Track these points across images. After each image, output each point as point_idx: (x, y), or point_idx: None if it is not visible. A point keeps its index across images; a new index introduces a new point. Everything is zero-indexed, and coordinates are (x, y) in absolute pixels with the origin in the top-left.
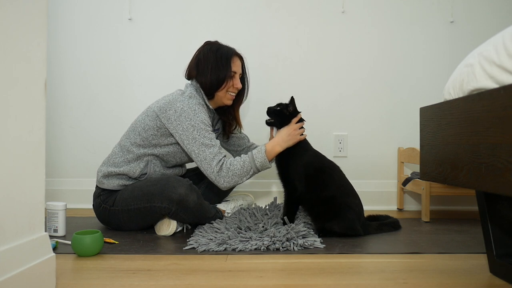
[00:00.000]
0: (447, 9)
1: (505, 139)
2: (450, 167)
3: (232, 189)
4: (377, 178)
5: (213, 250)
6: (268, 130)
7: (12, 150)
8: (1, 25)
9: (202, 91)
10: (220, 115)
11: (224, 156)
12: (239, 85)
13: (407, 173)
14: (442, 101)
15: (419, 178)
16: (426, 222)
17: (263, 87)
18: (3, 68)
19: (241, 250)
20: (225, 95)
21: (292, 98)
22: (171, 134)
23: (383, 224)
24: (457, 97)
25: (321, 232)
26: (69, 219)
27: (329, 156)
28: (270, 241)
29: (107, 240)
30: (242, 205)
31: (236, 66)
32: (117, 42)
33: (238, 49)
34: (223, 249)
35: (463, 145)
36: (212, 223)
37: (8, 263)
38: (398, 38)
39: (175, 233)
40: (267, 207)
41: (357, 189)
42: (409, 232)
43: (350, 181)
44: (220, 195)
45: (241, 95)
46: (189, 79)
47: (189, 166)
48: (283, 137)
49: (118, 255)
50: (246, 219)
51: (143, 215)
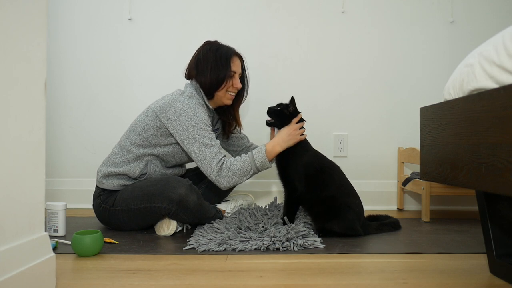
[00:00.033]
0: (447, 9)
1: (505, 139)
2: (450, 167)
3: (232, 189)
4: (377, 178)
5: (213, 250)
6: (268, 130)
7: (12, 150)
8: (1, 25)
9: (201, 91)
10: (220, 115)
11: (224, 156)
12: (239, 85)
13: (407, 173)
14: (442, 101)
15: (419, 178)
16: (426, 222)
17: (263, 87)
18: (3, 68)
19: (241, 250)
20: (224, 94)
21: (293, 98)
22: (171, 134)
23: (383, 224)
24: (457, 97)
25: (321, 232)
26: (69, 219)
27: (329, 156)
28: (270, 241)
29: (107, 240)
30: (242, 205)
31: (235, 66)
32: (117, 42)
33: (238, 49)
34: (223, 249)
35: (463, 145)
36: (212, 223)
37: (8, 263)
38: (398, 38)
39: (175, 233)
40: (267, 207)
41: (357, 189)
42: (409, 232)
43: (350, 181)
44: (220, 195)
45: (240, 95)
46: (188, 79)
47: (189, 166)
48: (283, 137)
49: (118, 255)
50: (246, 219)
51: (143, 215)
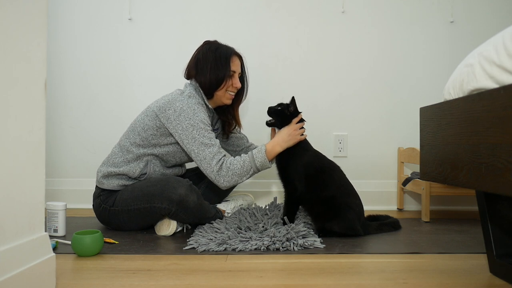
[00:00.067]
0: (447, 9)
1: (505, 139)
2: (450, 167)
3: (232, 189)
4: (377, 178)
5: (213, 250)
6: (268, 130)
7: (12, 150)
8: (1, 25)
9: (201, 91)
10: (219, 114)
11: (224, 155)
12: (238, 85)
13: (407, 173)
14: (442, 101)
15: (419, 178)
16: (426, 222)
17: (263, 87)
18: (3, 68)
19: (241, 250)
20: (224, 94)
21: (293, 98)
22: (171, 134)
23: (383, 224)
24: (457, 97)
25: (321, 232)
26: (69, 219)
27: (329, 156)
28: (270, 241)
29: (107, 240)
30: (242, 205)
31: (235, 66)
32: (117, 42)
33: (238, 49)
34: (223, 249)
35: (463, 145)
36: (212, 223)
37: (8, 263)
38: (398, 38)
39: (175, 233)
40: (267, 207)
41: (357, 189)
42: (409, 232)
43: (350, 181)
44: (220, 195)
45: (240, 94)
46: (188, 78)
47: (189, 166)
48: (283, 137)
49: (118, 255)
50: (246, 219)
51: (143, 215)
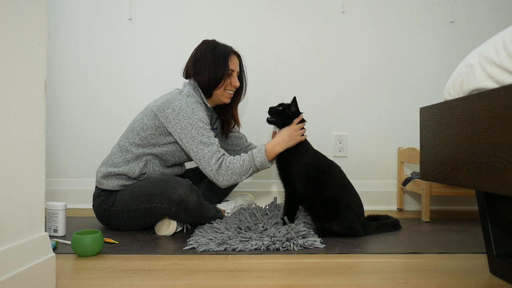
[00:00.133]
0: (447, 9)
1: (505, 139)
2: (450, 167)
3: (232, 189)
4: (377, 178)
5: (213, 250)
6: (269, 130)
7: (12, 150)
8: (1, 25)
9: (200, 90)
10: (218, 113)
11: (223, 154)
12: (237, 83)
13: (407, 173)
14: (442, 101)
15: (419, 178)
16: (426, 222)
17: (263, 87)
18: (3, 68)
19: (241, 250)
20: (223, 93)
21: (295, 98)
22: (170, 133)
23: (383, 224)
24: (457, 97)
25: (321, 232)
26: (69, 219)
27: (329, 156)
28: (270, 241)
29: (107, 240)
30: (242, 205)
31: (233, 64)
32: (117, 42)
33: (237, 48)
34: (223, 249)
35: (463, 145)
36: (212, 223)
37: (8, 263)
38: (398, 38)
39: (175, 233)
40: (267, 207)
41: (357, 189)
42: (409, 232)
43: (350, 181)
44: (220, 195)
45: (239, 93)
46: (187, 78)
47: (189, 166)
48: (283, 137)
49: (118, 255)
50: (246, 219)
51: (143, 215)
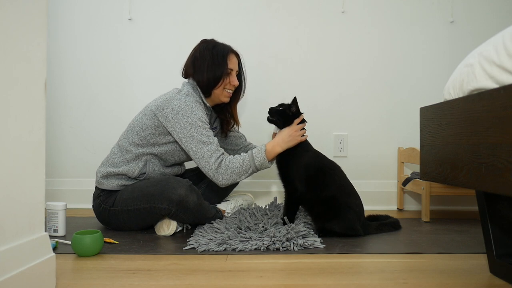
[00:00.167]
0: (447, 9)
1: (505, 139)
2: (450, 167)
3: (232, 189)
4: (377, 178)
5: (213, 250)
6: (269, 130)
7: (12, 150)
8: (1, 25)
9: (199, 89)
10: (217, 113)
11: (223, 153)
12: (236, 82)
13: (407, 173)
14: (442, 101)
15: (419, 178)
16: (426, 222)
17: (263, 87)
18: (3, 68)
19: (241, 250)
20: (222, 92)
21: (295, 98)
22: (169, 133)
23: (383, 224)
24: (457, 97)
25: (321, 232)
26: (69, 219)
27: (329, 156)
28: (270, 241)
29: (107, 240)
30: (242, 205)
31: (232, 63)
32: (117, 42)
33: (237, 48)
34: (223, 249)
35: (463, 145)
36: (212, 223)
37: (8, 263)
38: (398, 38)
39: (175, 233)
40: (267, 207)
41: (357, 189)
42: (409, 232)
43: (350, 181)
44: (220, 195)
45: (238, 92)
46: (186, 77)
47: (188, 166)
48: (283, 138)
49: (118, 255)
50: (246, 219)
51: (143, 215)
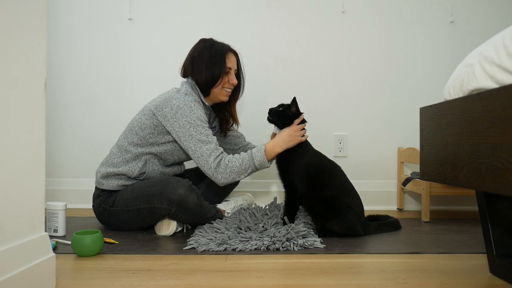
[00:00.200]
0: (447, 9)
1: (505, 139)
2: (450, 167)
3: (232, 189)
4: (377, 178)
5: (213, 250)
6: (269, 130)
7: (12, 150)
8: (1, 25)
9: (197, 88)
10: (216, 112)
11: (222, 152)
12: (235, 81)
13: (407, 173)
14: (442, 101)
15: (419, 178)
16: (426, 222)
17: (263, 87)
18: (3, 68)
19: (241, 250)
20: (221, 91)
21: (294, 98)
22: (168, 132)
23: (383, 224)
24: (457, 97)
25: (321, 232)
26: (69, 219)
27: (329, 156)
28: (270, 241)
29: (107, 240)
30: (242, 205)
31: (231, 62)
32: (117, 42)
33: (237, 48)
34: (223, 249)
35: (463, 145)
36: (212, 223)
37: (8, 263)
38: (398, 38)
39: (175, 233)
40: (267, 207)
41: (357, 189)
42: (409, 232)
43: (350, 181)
44: (220, 195)
45: (237, 91)
46: (184, 76)
47: (188, 166)
48: (283, 138)
49: (118, 255)
50: (246, 219)
51: (143, 215)
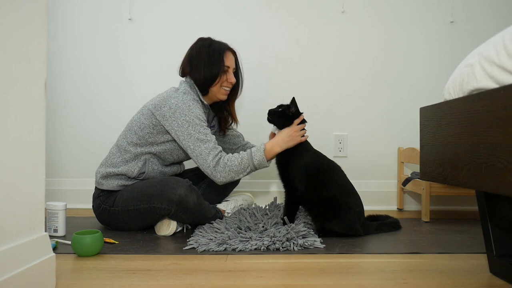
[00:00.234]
0: (447, 9)
1: (505, 139)
2: (450, 167)
3: (232, 189)
4: (377, 178)
5: (213, 250)
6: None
7: (12, 150)
8: (1, 25)
9: (196, 87)
10: (215, 111)
11: (220, 151)
12: (233, 80)
13: (407, 173)
14: (442, 101)
15: (419, 178)
16: (426, 222)
17: (262, 87)
18: (3, 68)
19: (241, 250)
20: (219, 90)
21: (293, 98)
22: (167, 131)
23: (383, 224)
24: (457, 97)
25: (321, 232)
26: (69, 219)
27: (329, 156)
28: (270, 241)
29: (107, 240)
30: (242, 205)
31: (229, 61)
32: (117, 42)
33: (237, 48)
34: (223, 249)
35: (463, 145)
36: (212, 223)
37: (8, 263)
38: (398, 38)
39: (175, 233)
40: (267, 207)
41: (357, 189)
42: (409, 232)
43: (350, 181)
44: (220, 195)
45: (235, 90)
46: (183, 76)
47: (188, 166)
48: (283, 138)
49: (118, 255)
50: (246, 219)
51: (143, 215)
